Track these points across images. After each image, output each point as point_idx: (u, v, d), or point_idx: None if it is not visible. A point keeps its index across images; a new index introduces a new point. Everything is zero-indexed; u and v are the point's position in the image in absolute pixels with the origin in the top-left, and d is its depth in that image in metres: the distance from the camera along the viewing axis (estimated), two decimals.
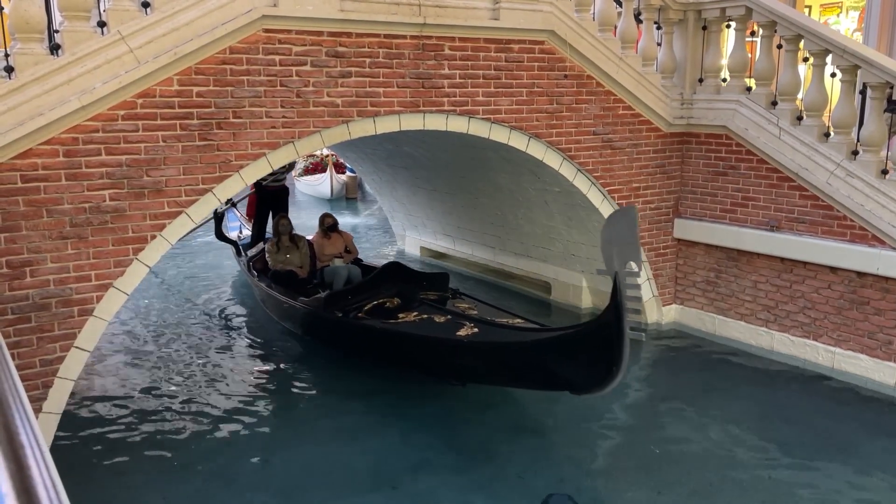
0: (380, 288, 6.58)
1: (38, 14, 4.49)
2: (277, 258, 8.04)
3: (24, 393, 1.94)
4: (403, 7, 5.69)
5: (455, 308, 6.10)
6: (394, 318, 5.98)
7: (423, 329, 5.66)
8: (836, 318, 6.37)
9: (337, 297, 6.54)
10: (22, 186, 4.48)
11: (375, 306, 6.29)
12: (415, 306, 6.14)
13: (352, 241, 8.51)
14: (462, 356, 5.40)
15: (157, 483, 4.79)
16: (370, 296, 6.46)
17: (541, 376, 4.93)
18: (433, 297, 6.41)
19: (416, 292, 6.46)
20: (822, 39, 6.27)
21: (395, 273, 6.83)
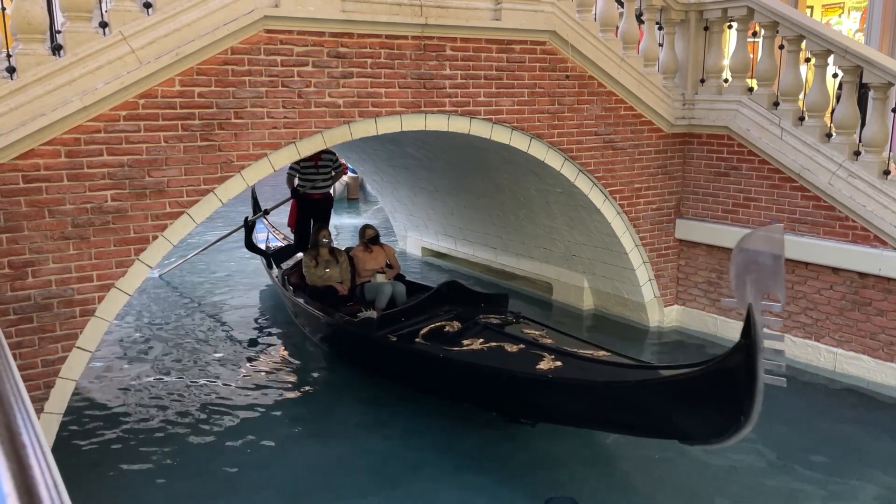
0: (436, 309, 6.05)
1: (39, 15, 4.50)
2: (316, 273, 7.42)
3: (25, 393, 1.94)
4: (405, 8, 5.69)
5: (524, 335, 5.42)
6: (456, 344, 5.38)
7: (497, 360, 5.05)
8: (837, 318, 6.36)
9: (390, 319, 5.99)
10: (24, 187, 4.48)
11: (433, 330, 5.72)
12: (477, 331, 5.55)
13: (394, 256, 7.86)
14: (544, 394, 4.79)
15: (159, 483, 4.79)
16: (426, 318, 5.92)
17: (644, 422, 4.29)
18: (494, 320, 5.77)
19: (475, 314, 5.89)
20: (824, 40, 6.27)
21: (452, 293, 6.27)
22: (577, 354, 4.97)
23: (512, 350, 5.17)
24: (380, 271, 7.43)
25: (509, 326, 5.64)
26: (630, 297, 7.81)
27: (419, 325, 5.82)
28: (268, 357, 7.15)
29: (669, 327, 7.75)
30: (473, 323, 5.68)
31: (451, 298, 6.20)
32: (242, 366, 6.86)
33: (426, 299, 6.21)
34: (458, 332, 5.60)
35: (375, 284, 7.26)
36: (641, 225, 7.46)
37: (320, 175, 8.30)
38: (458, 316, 5.89)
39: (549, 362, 4.86)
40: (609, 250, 7.69)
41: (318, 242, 7.52)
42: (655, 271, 7.65)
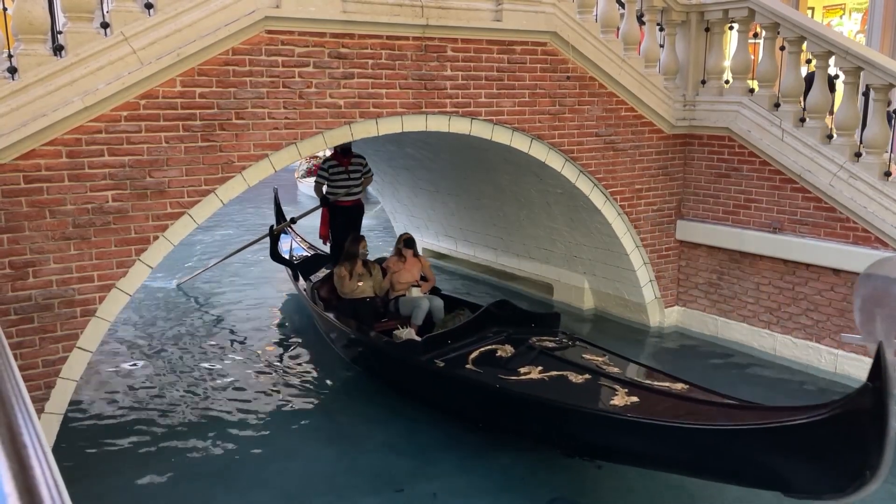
0: (484, 330, 5.63)
1: (41, 15, 4.50)
2: (349, 286, 6.93)
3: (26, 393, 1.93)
4: (406, 8, 5.69)
5: (586, 362, 5.02)
6: (512, 372, 4.98)
7: (562, 393, 4.62)
8: (838, 320, 6.35)
9: (436, 342, 5.52)
10: (25, 187, 4.49)
11: (484, 354, 5.31)
12: (533, 356, 5.15)
13: (429, 268, 7.40)
14: (622, 435, 4.27)
15: (160, 483, 4.79)
16: (474, 340, 5.50)
17: (743, 470, 3.79)
18: (549, 343, 5.37)
19: (526, 336, 5.52)
20: (825, 41, 6.27)
21: (501, 312, 5.82)
22: (652, 388, 4.50)
23: (577, 381, 4.73)
24: (415, 284, 7.02)
25: (566, 350, 5.24)
26: (631, 297, 7.81)
27: (468, 348, 5.39)
28: (270, 361, 7.12)
29: (670, 328, 7.75)
30: (528, 347, 5.30)
31: (499, 318, 5.75)
32: (245, 370, 6.83)
33: (474, 320, 5.74)
34: (513, 357, 5.22)
35: (411, 299, 6.86)
36: (642, 226, 7.47)
37: (352, 181, 7.85)
38: (509, 338, 5.50)
39: (622, 397, 4.39)
40: (610, 251, 7.69)
41: (354, 253, 7.00)
42: (656, 272, 7.65)
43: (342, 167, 7.80)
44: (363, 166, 7.98)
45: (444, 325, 6.27)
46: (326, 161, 7.91)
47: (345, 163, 7.77)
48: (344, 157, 7.80)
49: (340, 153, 7.78)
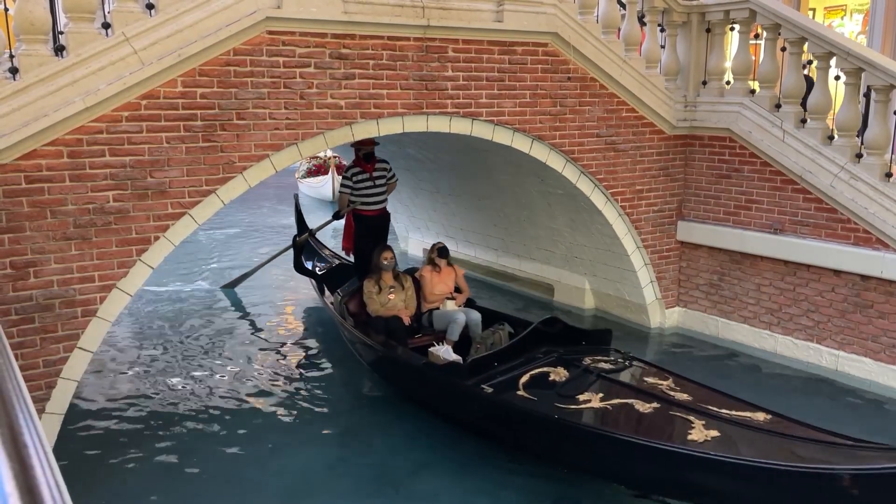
0: (533, 349, 5.25)
1: (42, 15, 4.51)
2: (379, 300, 6.47)
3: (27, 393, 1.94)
4: (407, 9, 5.70)
5: (650, 386, 4.64)
6: (570, 399, 4.57)
7: (631, 425, 4.26)
8: (839, 321, 6.35)
9: (482, 364, 5.10)
10: (26, 187, 4.49)
11: (535, 378, 4.91)
12: (590, 381, 4.75)
13: (463, 278, 6.90)
14: (704, 475, 3.88)
15: (160, 484, 4.79)
16: (523, 361, 5.10)
17: None
18: (605, 364, 5.01)
19: (578, 355, 5.15)
20: (827, 42, 6.27)
21: (550, 329, 5.43)
22: (732, 419, 4.12)
23: (645, 410, 4.34)
24: (449, 297, 6.59)
25: (625, 372, 4.90)
26: (631, 298, 7.81)
27: (517, 371, 4.98)
28: (272, 361, 7.12)
29: (671, 329, 7.75)
30: (583, 369, 4.92)
31: (548, 337, 5.36)
32: (246, 371, 6.82)
33: (522, 340, 5.29)
34: (568, 381, 4.81)
35: (446, 312, 6.44)
36: (643, 227, 7.46)
37: (377, 188, 7.22)
38: (560, 359, 5.11)
39: (700, 431, 4.00)
40: (610, 252, 7.69)
41: (381, 265, 6.51)
42: (657, 273, 7.65)
43: (366, 174, 7.15)
44: (387, 171, 7.36)
45: (484, 342, 5.94)
46: (349, 169, 7.21)
47: (368, 169, 7.16)
48: (367, 163, 7.15)
49: (363, 159, 7.13)
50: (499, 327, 6.09)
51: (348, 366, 6.98)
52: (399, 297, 6.53)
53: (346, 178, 7.17)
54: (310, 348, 7.56)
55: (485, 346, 5.88)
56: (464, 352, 5.92)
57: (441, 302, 6.58)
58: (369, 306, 6.50)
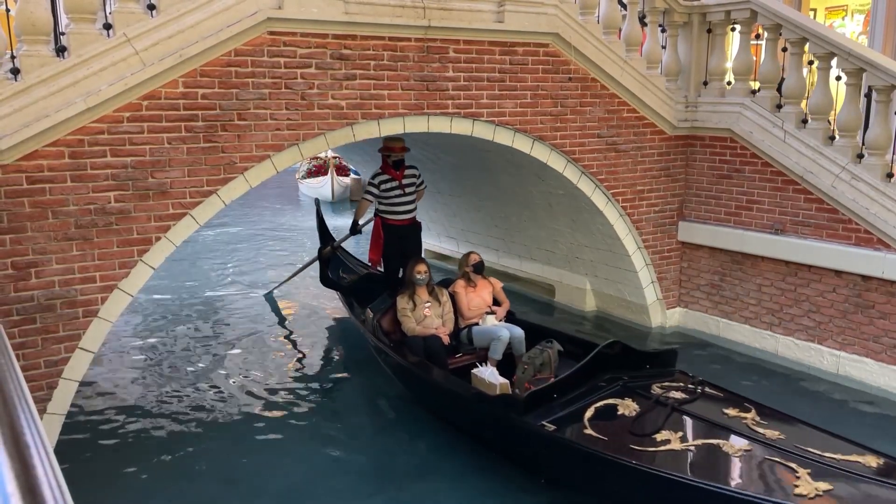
0: (595, 377, 4.72)
1: (44, 16, 4.51)
2: (415, 317, 6.03)
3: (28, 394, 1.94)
4: (408, 10, 5.70)
5: (732, 421, 4.18)
6: (646, 440, 4.07)
7: (724, 475, 3.78)
8: (840, 321, 6.35)
9: (539, 397, 4.54)
10: (27, 188, 4.49)
11: (601, 411, 4.42)
12: (665, 415, 4.26)
13: (501, 290, 6.49)
14: None
15: (161, 484, 4.80)
16: (585, 391, 4.60)
17: None
18: (676, 393, 4.51)
19: (645, 382, 4.68)
20: (828, 42, 6.26)
21: (613, 354, 4.91)
22: (842, 468, 3.64)
23: (735, 453, 3.87)
24: (489, 311, 6.16)
25: (699, 403, 4.42)
26: (632, 299, 7.81)
27: (580, 403, 4.48)
28: (274, 362, 7.12)
29: (672, 329, 7.74)
30: (655, 401, 4.43)
31: (610, 361, 4.85)
32: (248, 371, 6.83)
33: (584, 367, 4.72)
34: (641, 416, 4.31)
35: (487, 330, 5.94)
36: (644, 227, 7.46)
37: (407, 196, 6.82)
38: (626, 388, 4.63)
39: (807, 483, 3.51)
40: (611, 252, 7.69)
41: (414, 280, 6.09)
42: (658, 273, 7.64)
43: (395, 181, 6.71)
44: (417, 178, 6.95)
45: (531, 362, 5.41)
46: (376, 176, 6.76)
47: (398, 176, 6.71)
48: (396, 171, 6.72)
49: (392, 166, 6.70)
50: (547, 345, 5.53)
51: (351, 367, 6.99)
52: (436, 312, 6.08)
53: (372, 184, 6.75)
54: (314, 349, 7.55)
55: (533, 367, 5.38)
56: (506, 370, 5.47)
57: (480, 317, 6.13)
58: (404, 325, 6.03)
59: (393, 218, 6.83)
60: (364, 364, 6.86)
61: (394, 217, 6.83)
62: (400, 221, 6.85)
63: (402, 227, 6.87)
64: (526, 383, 5.23)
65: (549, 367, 5.37)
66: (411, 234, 7.01)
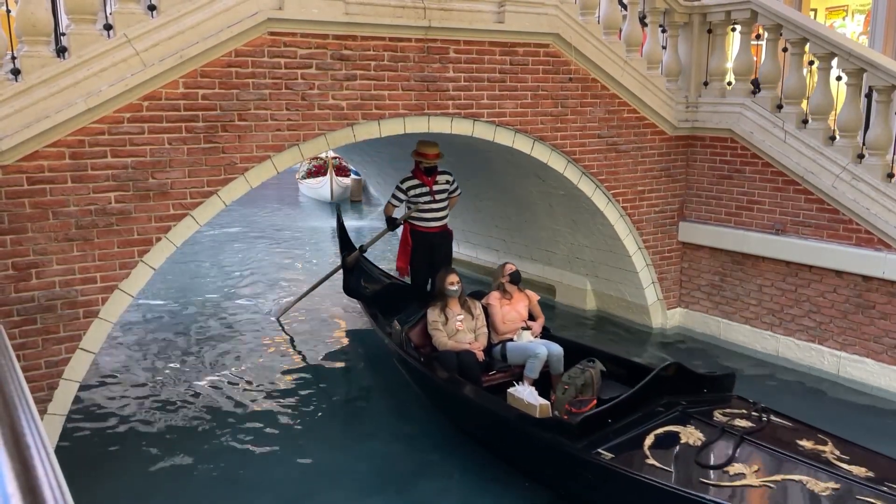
0: (651, 402, 4.38)
1: (44, 17, 4.52)
2: (446, 331, 5.71)
3: (29, 394, 1.95)
4: (408, 10, 5.70)
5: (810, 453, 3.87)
6: (716, 471, 3.78)
7: None
8: (841, 322, 6.34)
9: (593, 422, 4.19)
10: (28, 188, 4.49)
11: (661, 439, 4.09)
12: (734, 445, 3.94)
13: (537, 303, 6.11)
14: None
15: (162, 485, 4.80)
16: (641, 416, 4.26)
17: None
18: (743, 422, 4.18)
19: (705, 408, 4.36)
20: (828, 43, 6.26)
21: (666, 374, 4.56)
22: None
23: (822, 492, 3.53)
24: (524, 326, 5.82)
25: (768, 431, 4.10)
26: (633, 299, 7.80)
27: (637, 429, 4.15)
28: (274, 363, 7.11)
29: (672, 330, 7.74)
30: (721, 430, 4.09)
31: (666, 383, 4.51)
32: (249, 373, 6.82)
33: (640, 390, 4.39)
34: (707, 446, 3.97)
35: (523, 346, 5.61)
36: (644, 227, 7.46)
37: (437, 203, 6.58)
38: (685, 413, 4.30)
39: None
40: (612, 253, 7.69)
41: (446, 291, 5.77)
42: (658, 274, 7.64)
43: (426, 187, 6.50)
44: (450, 184, 6.69)
45: (572, 382, 5.02)
46: (406, 180, 6.56)
47: (429, 182, 6.50)
48: (428, 177, 6.51)
49: (424, 172, 6.47)
50: (589, 364, 5.13)
51: (353, 368, 6.99)
52: (468, 326, 5.76)
53: (400, 189, 6.55)
54: (315, 350, 7.53)
55: (574, 387, 5.00)
56: (540, 390, 5.11)
57: (514, 332, 5.78)
58: (435, 338, 5.69)
59: (422, 225, 6.61)
60: (365, 364, 6.87)
61: (423, 224, 6.60)
62: (429, 229, 6.62)
63: (432, 235, 6.64)
64: (566, 405, 4.90)
65: (592, 389, 5.00)
66: (441, 242, 6.74)
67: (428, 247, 6.62)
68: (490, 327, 5.86)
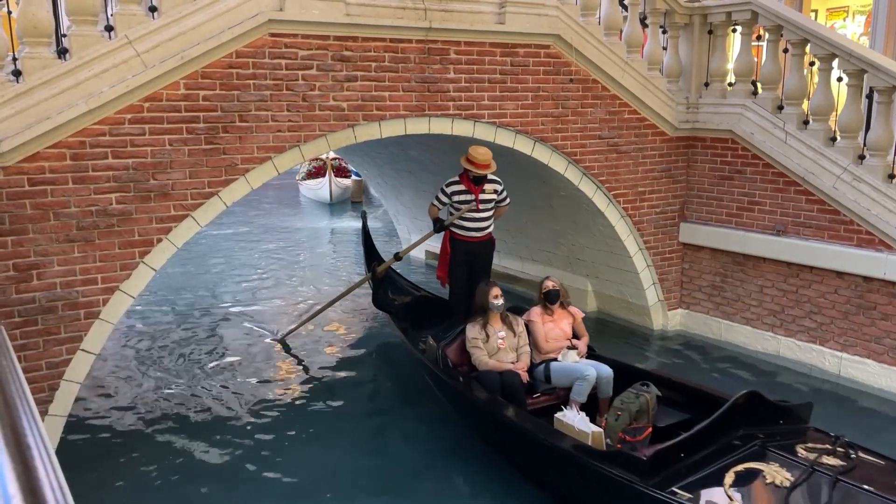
0: (726, 433, 3.99)
1: (45, 18, 4.52)
2: (487, 349, 5.28)
3: (30, 395, 1.95)
4: (409, 11, 5.71)
5: None
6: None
7: None
8: (842, 322, 6.34)
9: (666, 458, 3.77)
10: (29, 189, 4.50)
11: (742, 476, 3.70)
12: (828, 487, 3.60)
13: (581, 321, 5.68)
14: None
15: (163, 486, 4.79)
16: (718, 451, 3.86)
17: None
18: (830, 459, 3.78)
19: (788, 443, 3.98)
20: (829, 44, 6.26)
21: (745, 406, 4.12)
22: None
23: None
24: (570, 346, 5.42)
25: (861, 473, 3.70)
26: (634, 300, 7.80)
27: (713, 465, 3.76)
28: (275, 364, 7.12)
29: (673, 331, 7.74)
30: (810, 469, 3.69)
31: (740, 413, 4.10)
32: (250, 374, 6.83)
33: (716, 421, 3.97)
34: (797, 487, 3.60)
35: (569, 367, 5.19)
36: (645, 228, 7.46)
37: (481, 212, 6.15)
38: (765, 448, 3.92)
39: None
40: (613, 254, 7.69)
41: (489, 305, 5.36)
42: (659, 275, 7.64)
43: (470, 195, 6.09)
44: (498, 193, 6.26)
45: (626, 408, 4.57)
46: (451, 184, 6.16)
47: (475, 191, 6.09)
48: (476, 185, 6.09)
49: (472, 180, 6.06)
50: (643, 389, 4.70)
51: (354, 369, 6.98)
52: (510, 344, 5.35)
53: (444, 192, 6.19)
54: (316, 350, 7.55)
55: (628, 414, 4.56)
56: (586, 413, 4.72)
57: (558, 351, 5.38)
58: (475, 356, 5.27)
59: (462, 233, 6.22)
60: (367, 366, 6.86)
61: (463, 232, 6.21)
62: (469, 238, 6.21)
63: (472, 244, 6.23)
64: (620, 432, 4.50)
65: (647, 416, 4.59)
66: (482, 252, 6.34)
67: (466, 256, 6.23)
68: (531, 346, 5.44)
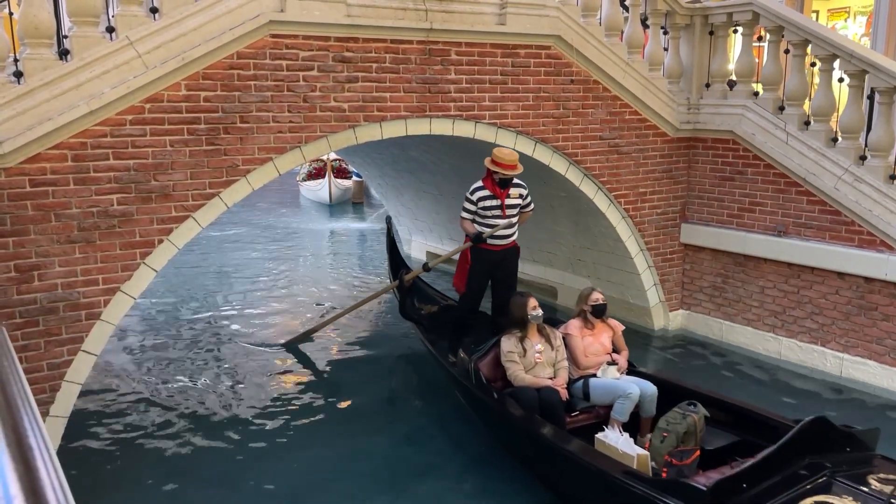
0: (792, 462, 3.72)
1: (47, 20, 4.53)
2: (524, 364, 4.98)
3: (31, 396, 1.95)
4: (410, 12, 5.71)
5: None
6: None
7: None
8: (844, 323, 6.34)
9: (727, 488, 3.52)
10: (30, 191, 4.50)
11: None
12: None
13: (621, 334, 5.42)
14: None
15: (164, 487, 4.79)
16: (784, 480, 3.62)
17: None
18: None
19: (859, 473, 3.70)
20: (830, 44, 6.26)
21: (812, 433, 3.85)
22: None
23: None
24: (611, 361, 5.13)
25: None
26: (635, 301, 7.80)
27: (779, 498, 3.52)
28: (275, 364, 7.13)
29: (674, 332, 7.73)
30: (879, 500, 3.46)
31: (805, 439, 3.83)
32: (251, 375, 6.81)
33: (782, 449, 3.72)
34: None
35: (611, 384, 4.89)
36: (646, 229, 7.46)
37: (507, 218, 5.76)
38: (833, 478, 3.66)
39: None
40: (614, 255, 7.68)
41: (528, 317, 5.04)
42: (660, 276, 7.64)
43: (496, 200, 5.68)
44: (523, 198, 5.87)
45: (673, 430, 4.33)
46: (476, 190, 5.71)
47: (501, 195, 5.68)
48: (501, 189, 5.70)
49: (498, 183, 5.67)
50: (690, 409, 4.42)
51: (355, 369, 6.98)
52: (547, 359, 5.03)
53: (470, 200, 5.71)
54: (317, 350, 7.55)
55: (675, 436, 4.32)
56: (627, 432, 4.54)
57: (598, 367, 5.10)
58: (510, 371, 4.96)
59: (492, 242, 5.80)
60: (369, 366, 6.86)
61: (496, 242, 5.80)
62: (493, 246, 5.77)
63: (495, 253, 5.79)
64: (666, 455, 4.25)
65: (695, 438, 4.34)
66: (506, 260, 5.92)
67: (489, 266, 5.84)
68: (569, 360, 5.14)
